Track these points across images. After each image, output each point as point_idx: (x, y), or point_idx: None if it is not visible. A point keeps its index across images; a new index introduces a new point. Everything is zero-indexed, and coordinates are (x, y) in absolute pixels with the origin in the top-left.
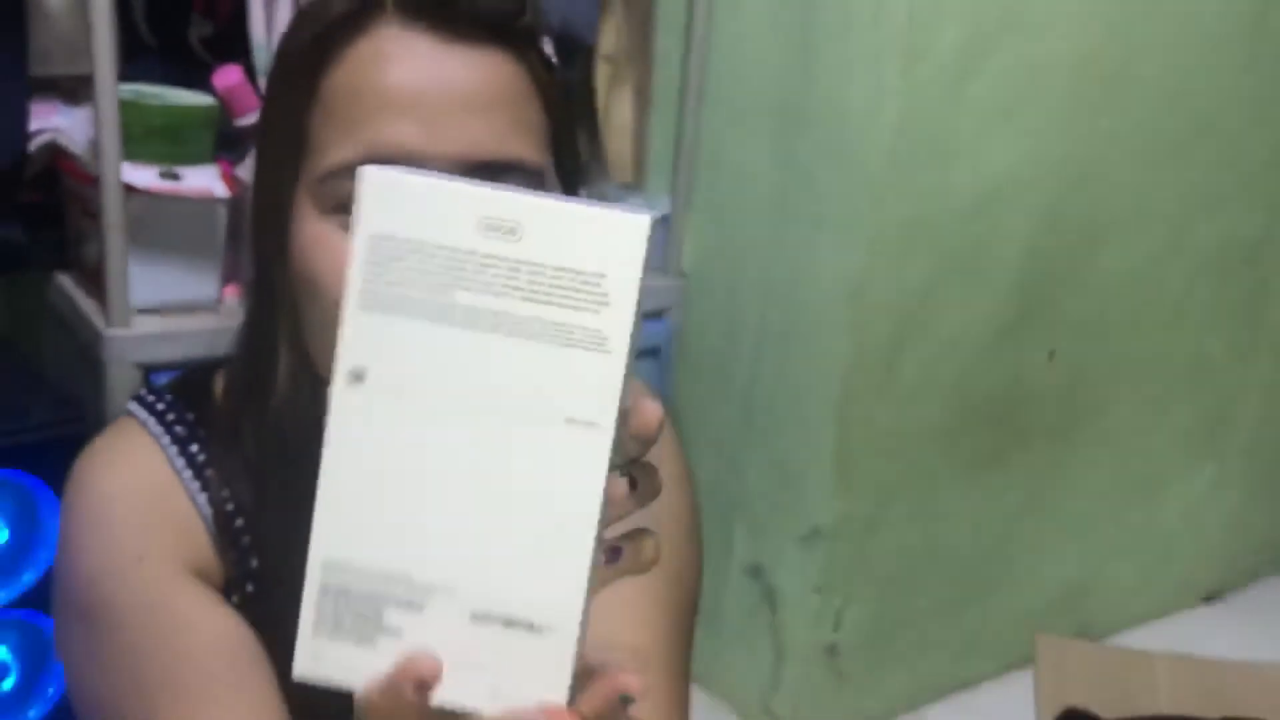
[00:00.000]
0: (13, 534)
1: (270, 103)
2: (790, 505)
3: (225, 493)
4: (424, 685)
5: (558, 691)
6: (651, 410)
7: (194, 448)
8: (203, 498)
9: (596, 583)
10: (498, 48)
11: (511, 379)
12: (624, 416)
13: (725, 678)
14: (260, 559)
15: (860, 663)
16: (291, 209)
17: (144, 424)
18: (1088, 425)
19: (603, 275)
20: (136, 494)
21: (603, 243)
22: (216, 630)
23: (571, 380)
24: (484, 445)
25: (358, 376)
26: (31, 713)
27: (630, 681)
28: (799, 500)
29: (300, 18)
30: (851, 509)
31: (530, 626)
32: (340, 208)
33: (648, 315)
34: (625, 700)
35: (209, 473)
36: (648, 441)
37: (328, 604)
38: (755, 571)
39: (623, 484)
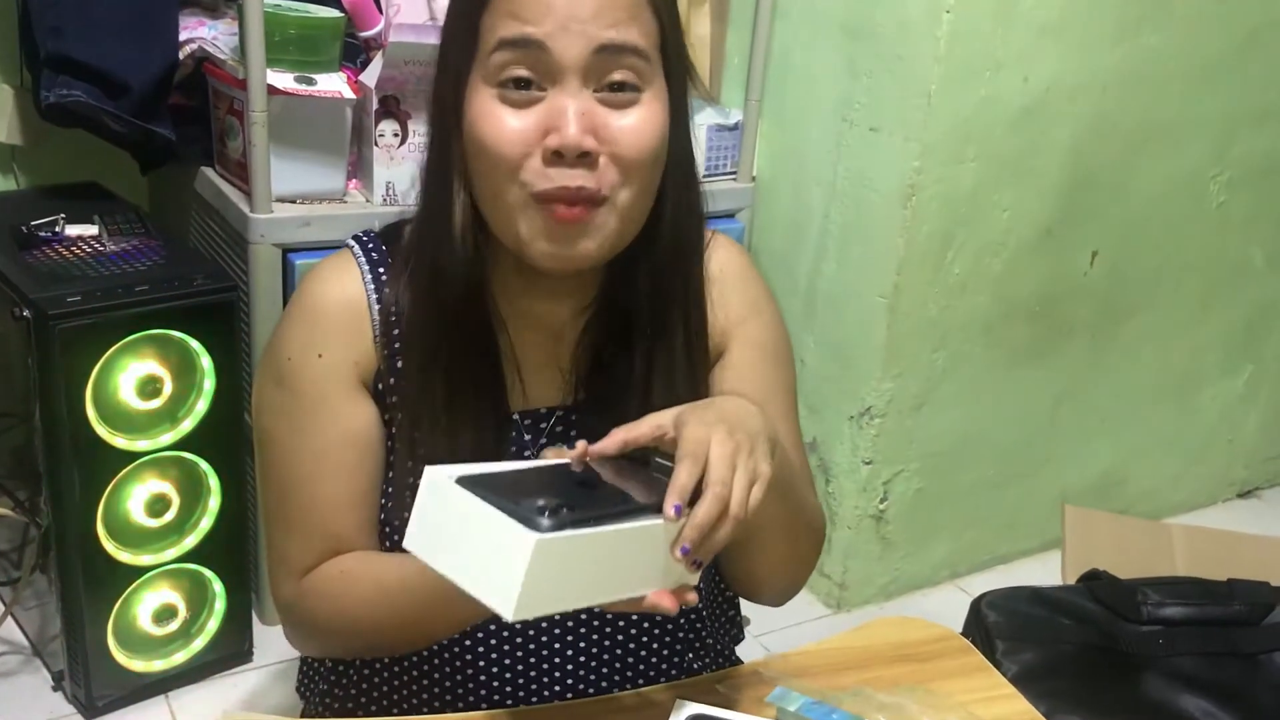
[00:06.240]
0: (175, 385)
1: (453, 9)
2: (844, 386)
3: (393, 306)
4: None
5: None
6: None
7: (381, 270)
8: (377, 308)
9: None
10: None
11: None
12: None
13: None
14: (404, 358)
15: (905, 532)
16: (466, 89)
17: (354, 253)
18: (1128, 324)
19: None
20: (333, 303)
21: None
22: (356, 422)
23: None
24: None
25: None
26: (188, 540)
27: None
28: (853, 382)
29: None
30: (900, 391)
31: None
32: (501, 82)
33: (724, 215)
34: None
35: (386, 291)
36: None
37: None
38: (812, 446)
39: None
